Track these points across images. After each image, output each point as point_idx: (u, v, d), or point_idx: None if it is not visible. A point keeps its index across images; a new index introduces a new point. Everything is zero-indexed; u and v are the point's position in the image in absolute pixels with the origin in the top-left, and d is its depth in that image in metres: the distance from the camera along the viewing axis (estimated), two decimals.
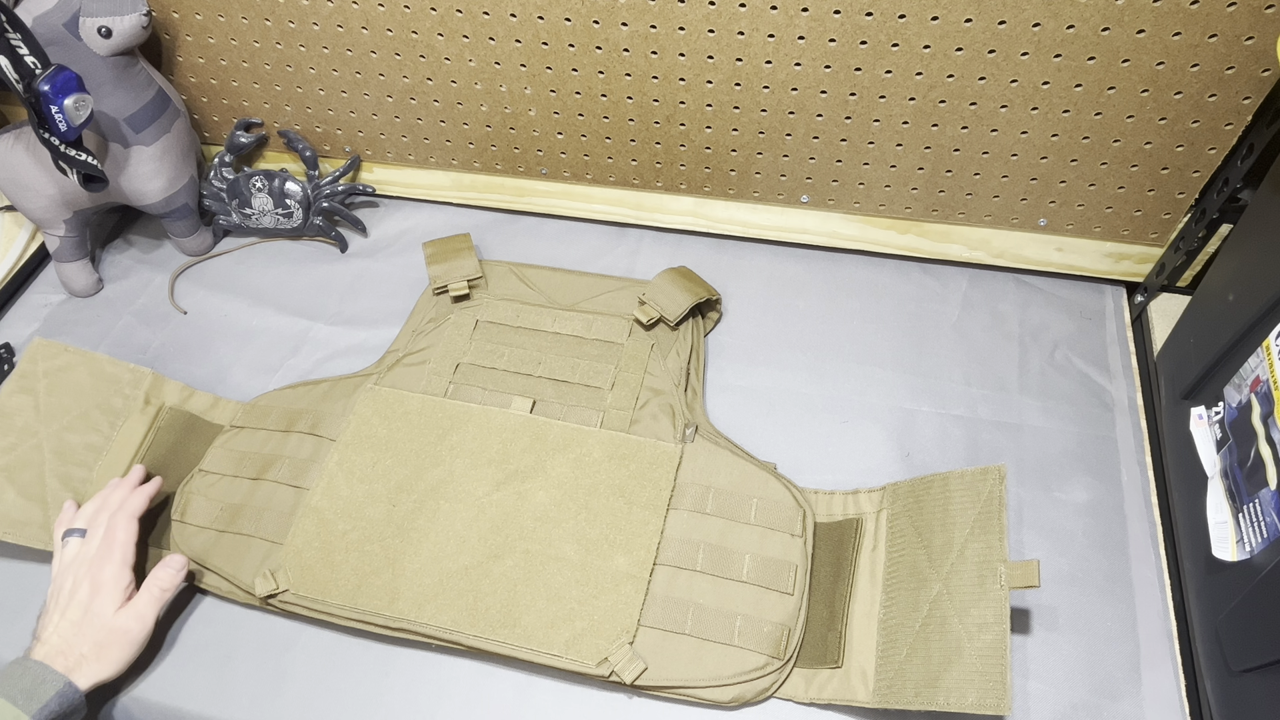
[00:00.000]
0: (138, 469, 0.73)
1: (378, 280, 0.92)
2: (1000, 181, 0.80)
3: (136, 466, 0.73)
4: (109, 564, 0.65)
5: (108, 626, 0.63)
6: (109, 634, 0.63)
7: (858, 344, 0.83)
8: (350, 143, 0.95)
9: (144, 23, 0.79)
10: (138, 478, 0.72)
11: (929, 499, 0.65)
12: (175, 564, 0.67)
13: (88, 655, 0.62)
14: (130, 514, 0.68)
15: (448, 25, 0.79)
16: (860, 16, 0.69)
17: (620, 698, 0.64)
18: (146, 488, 0.71)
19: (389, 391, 0.78)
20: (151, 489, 0.71)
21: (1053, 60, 0.69)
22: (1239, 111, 0.69)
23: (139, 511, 0.68)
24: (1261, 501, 0.55)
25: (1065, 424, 0.76)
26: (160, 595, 0.65)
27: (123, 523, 0.67)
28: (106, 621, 0.63)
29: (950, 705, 0.55)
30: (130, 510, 0.68)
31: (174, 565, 0.67)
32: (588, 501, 0.70)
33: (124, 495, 0.69)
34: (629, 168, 0.88)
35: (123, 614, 0.64)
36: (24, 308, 0.93)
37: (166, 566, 0.67)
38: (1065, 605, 0.66)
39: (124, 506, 0.68)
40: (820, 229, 0.89)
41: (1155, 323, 0.80)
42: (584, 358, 0.79)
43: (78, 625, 0.62)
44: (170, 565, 0.67)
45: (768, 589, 0.65)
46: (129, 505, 0.68)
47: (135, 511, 0.68)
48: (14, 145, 0.84)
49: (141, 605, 0.64)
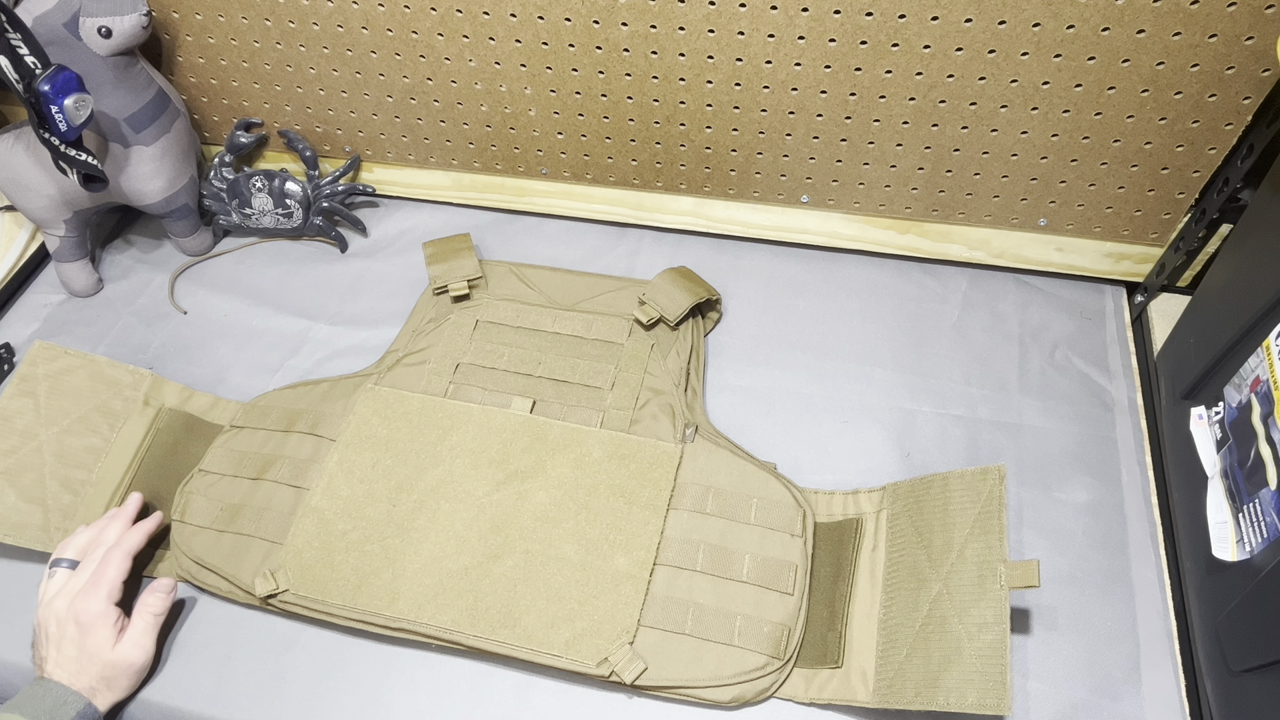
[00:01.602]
0: (134, 499, 0.71)
1: (378, 280, 0.92)
2: (1000, 181, 0.80)
3: (134, 496, 0.72)
4: (93, 601, 0.63)
5: (109, 661, 0.62)
6: (112, 668, 0.63)
7: (858, 344, 0.83)
8: (350, 143, 0.95)
9: (144, 23, 0.79)
10: (134, 508, 0.71)
11: (929, 499, 0.65)
12: (164, 588, 0.67)
13: (97, 687, 0.62)
14: (126, 552, 0.66)
15: (448, 25, 0.79)
16: (860, 16, 0.69)
17: (620, 698, 0.64)
18: (146, 525, 0.69)
19: (389, 391, 0.78)
20: (150, 526, 0.70)
21: (1053, 60, 0.69)
22: (1239, 111, 0.69)
23: (135, 550, 0.67)
24: (1261, 501, 0.55)
25: (1065, 424, 0.76)
26: (154, 622, 0.65)
27: (116, 559, 0.65)
28: (106, 658, 0.62)
29: (950, 705, 0.55)
30: (125, 549, 0.66)
31: (162, 589, 0.66)
32: (588, 501, 0.70)
33: (120, 530, 0.68)
34: (629, 168, 0.88)
35: (121, 648, 0.63)
36: (24, 308, 0.93)
37: (155, 592, 0.66)
38: (1065, 605, 0.66)
39: (121, 543, 0.67)
40: (820, 229, 0.89)
41: (1155, 323, 0.80)
42: (584, 358, 0.79)
43: (78, 662, 0.62)
44: (159, 590, 0.66)
45: (768, 589, 0.65)
46: (126, 542, 0.67)
47: (131, 550, 0.67)
48: (14, 145, 0.84)
49: (138, 635, 0.64)
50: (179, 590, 0.70)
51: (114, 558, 0.66)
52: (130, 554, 0.67)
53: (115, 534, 0.68)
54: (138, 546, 0.68)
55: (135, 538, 0.68)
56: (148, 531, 0.69)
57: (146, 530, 0.69)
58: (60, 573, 0.66)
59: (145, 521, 0.70)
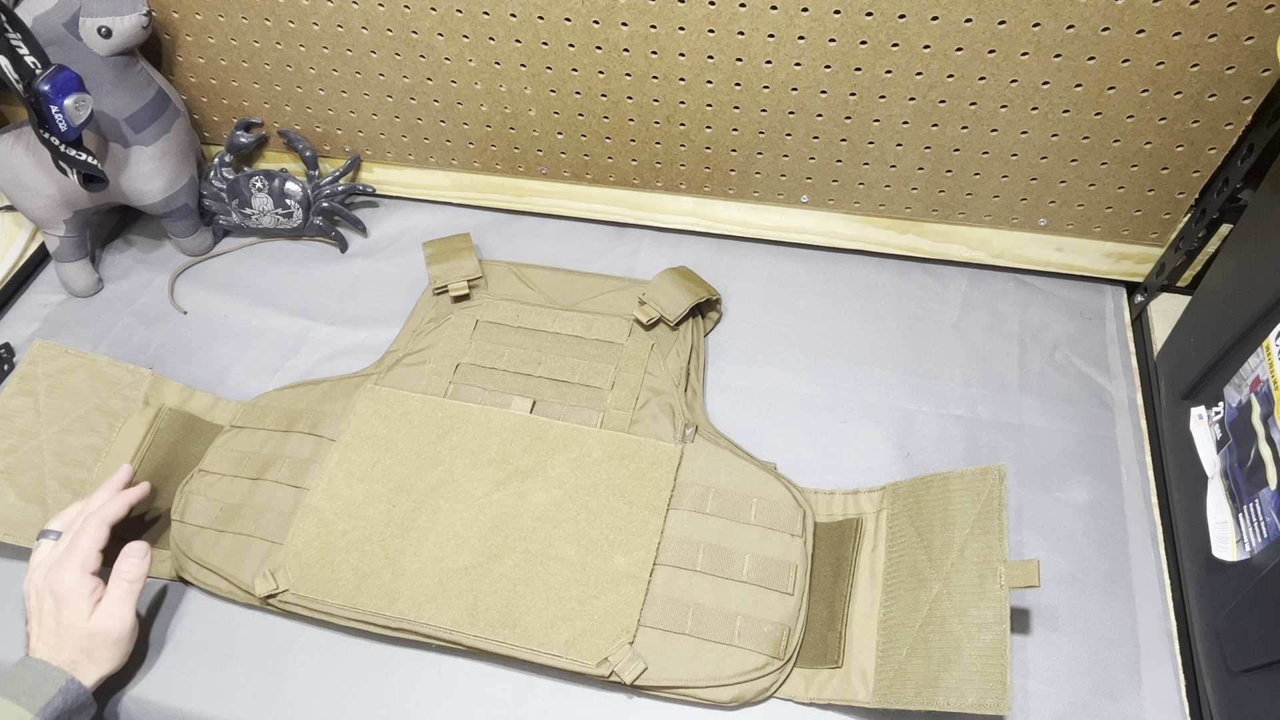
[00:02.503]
0: (124, 469, 0.71)
1: (378, 280, 0.92)
2: (1000, 181, 0.80)
3: (124, 466, 0.71)
4: (67, 571, 0.62)
5: (85, 632, 0.61)
6: (89, 639, 0.61)
7: (858, 344, 0.83)
8: (350, 143, 0.95)
9: (144, 23, 0.79)
10: (123, 478, 0.70)
11: (929, 499, 0.65)
12: (136, 551, 0.64)
13: (78, 660, 0.61)
14: (102, 520, 0.65)
15: (448, 25, 0.79)
16: (860, 16, 0.69)
17: (620, 698, 0.64)
18: (128, 494, 0.68)
19: (389, 391, 0.78)
20: (134, 495, 0.68)
21: (1053, 60, 0.69)
22: (1239, 111, 0.69)
23: (113, 518, 0.65)
24: (1261, 501, 0.55)
25: (1065, 424, 0.76)
26: (129, 588, 0.63)
27: (91, 529, 0.64)
28: (82, 629, 0.61)
29: (950, 705, 0.55)
30: (103, 516, 0.65)
31: (135, 553, 0.64)
32: (588, 501, 0.70)
33: (104, 498, 0.67)
34: (629, 168, 0.88)
35: (97, 617, 0.61)
36: (24, 308, 0.93)
37: (128, 556, 0.64)
38: (1065, 605, 0.66)
39: (98, 512, 0.65)
40: (820, 229, 0.89)
41: (1155, 323, 0.80)
42: (584, 358, 0.79)
43: (56, 635, 0.61)
44: (131, 554, 0.64)
45: (768, 589, 0.65)
46: (103, 511, 0.65)
47: (108, 518, 0.65)
48: (14, 145, 0.84)
49: (113, 603, 0.62)
50: (172, 586, 0.70)
51: (88, 527, 0.64)
52: (107, 522, 0.65)
53: (98, 502, 0.67)
54: (116, 515, 0.66)
55: (114, 506, 0.66)
56: (129, 501, 0.67)
57: (127, 499, 0.67)
58: (44, 544, 0.65)
59: (128, 491, 0.68)
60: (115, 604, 0.63)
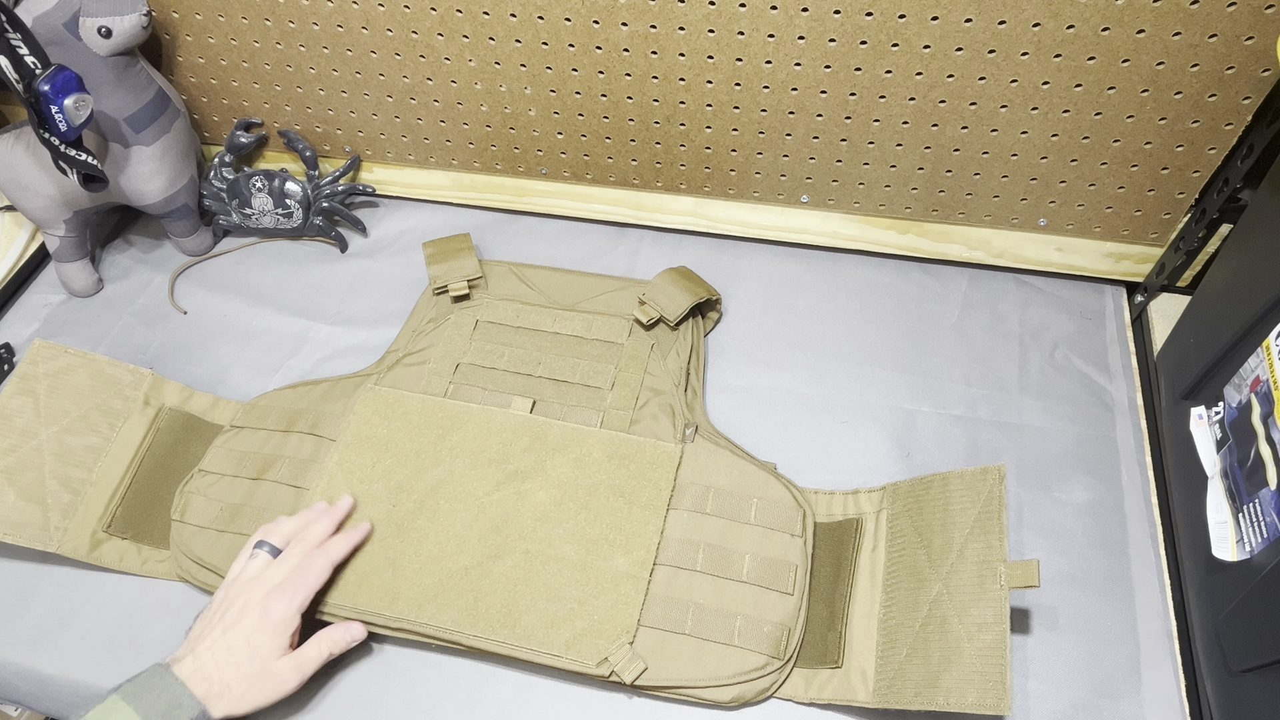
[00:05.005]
0: (346, 501, 0.70)
1: (378, 280, 0.92)
2: (1000, 181, 0.80)
3: (345, 498, 0.70)
4: (285, 603, 0.61)
5: (266, 670, 0.59)
6: (264, 677, 0.59)
7: (858, 344, 0.83)
8: (350, 143, 0.95)
9: (144, 23, 0.79)
10: (344, 510, 0.69)
11: (929, 499, 0.65)
12: (355, 631, 0.64)
13: (233, 689, 0.58)
14: (331, 561, 0.64)
15: (448, 25, 0.79)
16: (860, 16, 0.69)
17: (620, 698, 0.64)
18: (353, 535, 0.67)
19: (389, 391, 0.78)
20: (357, 537, 0.67)
21: (1053, 60, 0.69)
22: (1239, 111, 0.69)
23: (339, 560, 0.65)
24: (1261, 501, 0.55)
25: (1065, 424, 0.76)
26: (328, 656, 0.62)
27: (320, 568, 0.63)
28: (266, 664, 0.59)
29: (950, 705, 0.55)
30: (332, 558, 0.65)
31: (354, 632, 0.64)
32: (588, 501, 0.70)
33: (326, 530, 0.66)
34: (629, 168, 0.88)
35: (285, 661, 0.60)
36: (24, 308, 0.93)
37: (347, 630, 0.64)
38: (1065, 605, 0.66)
39: (327, 550, 0.65)
40: (820, 229, 0.89)
41: (1155, 323, 0.80)
42: (584, 358, 0.79)
43: (235, 654, 0.59)
44: (350, 630, 0.64)
45: (768, 589, 0.65)
46: (332, 550, 0.65)
47: (336, 560, 0.65)
48: (14, 145, 0.84)
49: (306, 658, 0.61)
50: (173, 586, 0.69)
51: (318, 565, 0.64)
52: (333, 564, 0.65)
53: (320, 533, 0.66)
54: (342, 557, 0.66)
55: (341, 547, 0.66)
56: (354, 543, 0.67)
57: (353, 541, 0.67)
58: (262, 556, 0.64)
59: (353, 532, 0.68)
60: (307, 659, 0.61)
